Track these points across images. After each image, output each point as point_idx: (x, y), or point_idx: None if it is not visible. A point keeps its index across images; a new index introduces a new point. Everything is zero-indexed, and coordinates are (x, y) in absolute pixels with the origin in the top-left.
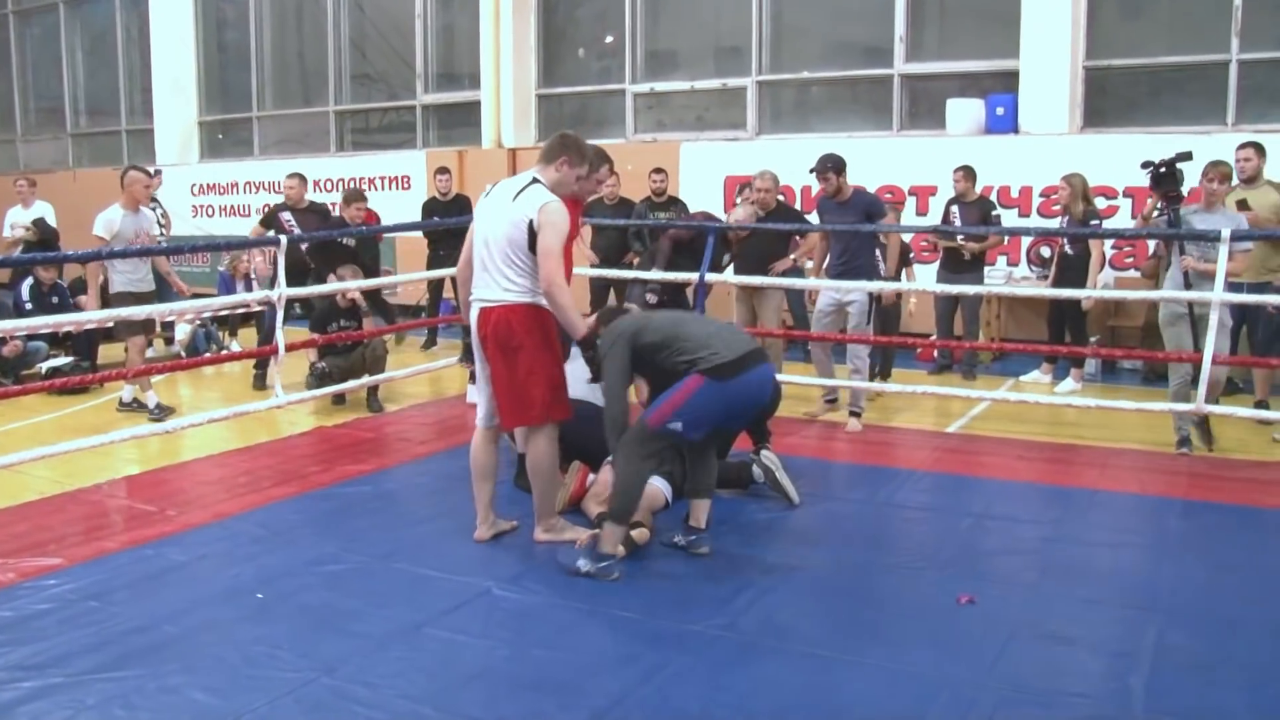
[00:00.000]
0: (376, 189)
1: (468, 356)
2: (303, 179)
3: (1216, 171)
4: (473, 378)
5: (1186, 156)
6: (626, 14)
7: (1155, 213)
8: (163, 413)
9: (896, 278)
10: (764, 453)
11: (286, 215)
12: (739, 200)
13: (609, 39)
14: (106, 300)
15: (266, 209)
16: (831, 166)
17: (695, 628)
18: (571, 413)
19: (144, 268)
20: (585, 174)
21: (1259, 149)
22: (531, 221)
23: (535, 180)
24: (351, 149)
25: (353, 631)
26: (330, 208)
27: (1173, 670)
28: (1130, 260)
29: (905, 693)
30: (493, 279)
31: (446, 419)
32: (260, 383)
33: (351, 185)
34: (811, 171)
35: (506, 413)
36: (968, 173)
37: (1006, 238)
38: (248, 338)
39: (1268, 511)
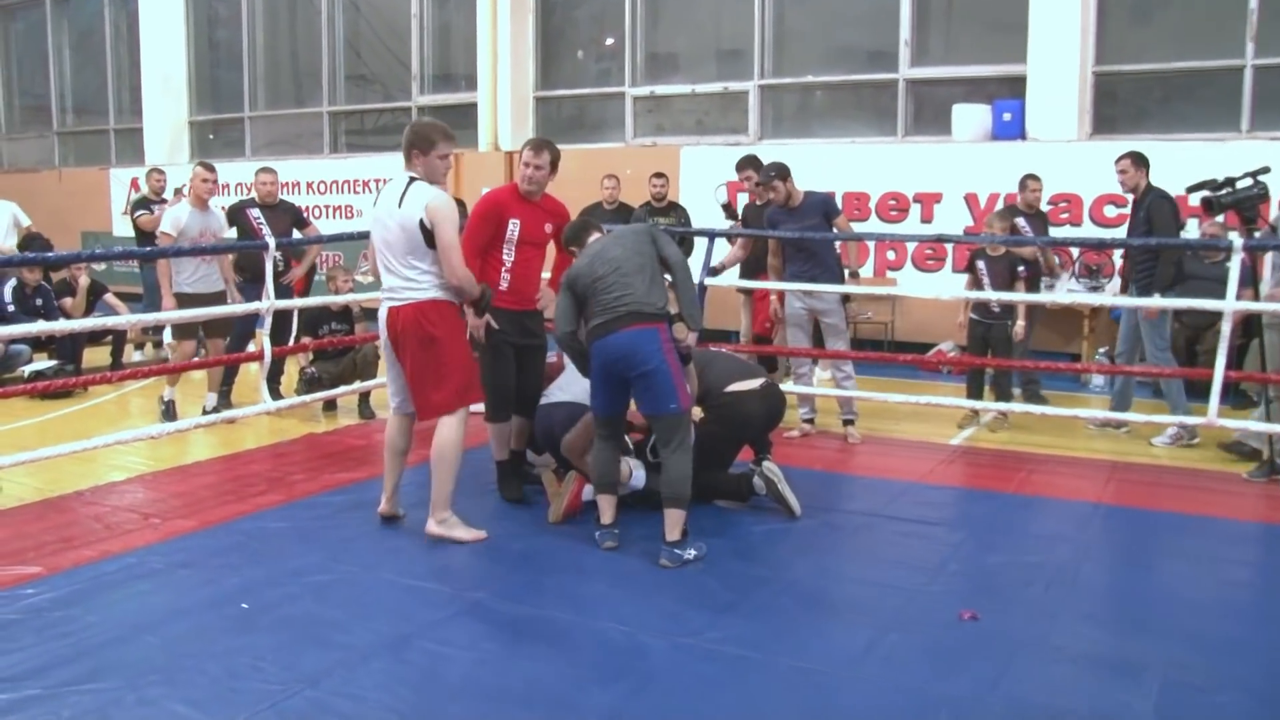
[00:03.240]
0: (371, 191)
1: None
2: (275, 175)
3: None
4: None
5: (1263, 171)
6: (626, 16)
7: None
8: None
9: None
10: (765, 464)
11: (255, 212)
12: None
13: (608, 41)
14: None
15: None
16: (776, 175)
17: (689, 641)
18: (483, 397)
19: (205, 268)
20: (442, 154)
21: (1137, 159)
22: (422, 220)
23: (413, 179)
24: (346, 151)
25: (337, 643)
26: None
27: (1179, 690)
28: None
29: (904, 710)
30: (398, 280)
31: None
32: (276, 394)
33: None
34: (758, 185)
35: (423, 404)
36: (1003, 219)
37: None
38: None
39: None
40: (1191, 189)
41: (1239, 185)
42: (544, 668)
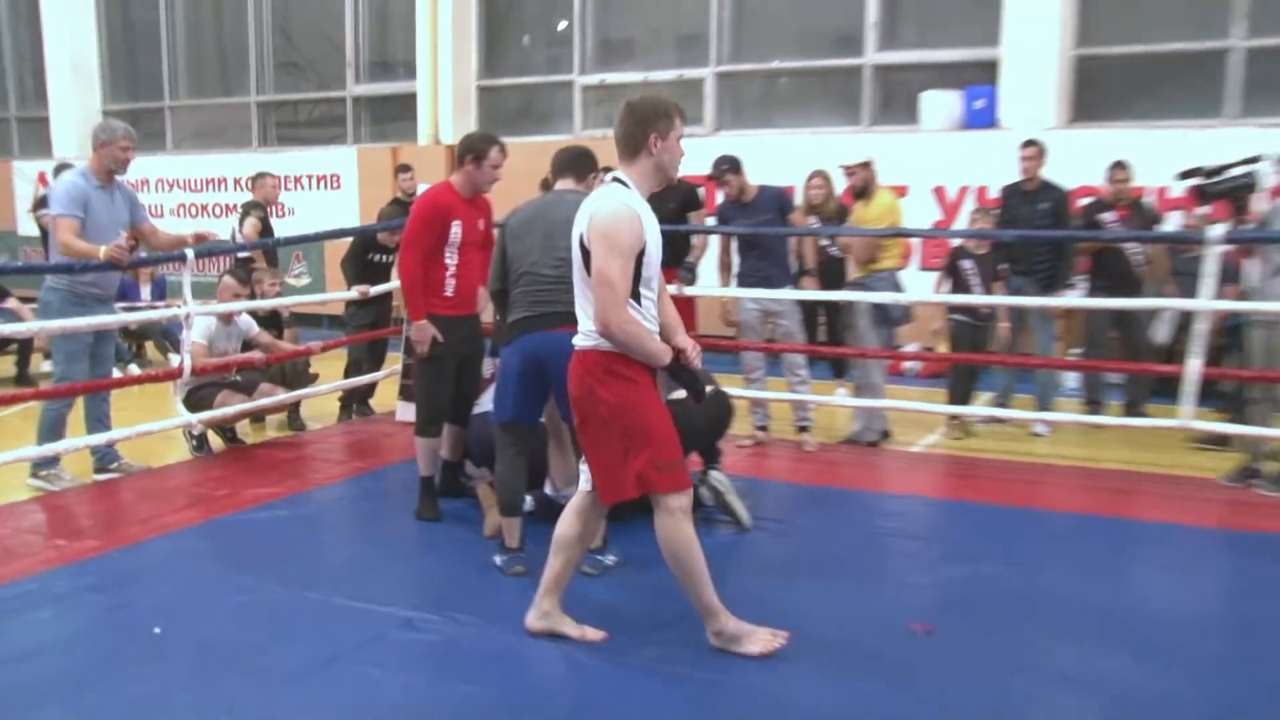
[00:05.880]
0: (303, 188)
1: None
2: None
3: None
4: (402, 393)
5: (1254, 160)
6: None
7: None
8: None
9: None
10: (713, 474)
11: None
12: None
13: (558, 26)
14: None
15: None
16: (729, 168)
17: (627, 659)
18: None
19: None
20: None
21: (1043, 149)
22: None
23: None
24: (276, 144)
25: (257, 668)
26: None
27: (1135, 705)
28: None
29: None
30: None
31: (372, 438)
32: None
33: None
34: (710, 178)
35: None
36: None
37: None
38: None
39: (1244, 534)
40: (1183, 175)
41: (1231, 173)
42: (477, 689)
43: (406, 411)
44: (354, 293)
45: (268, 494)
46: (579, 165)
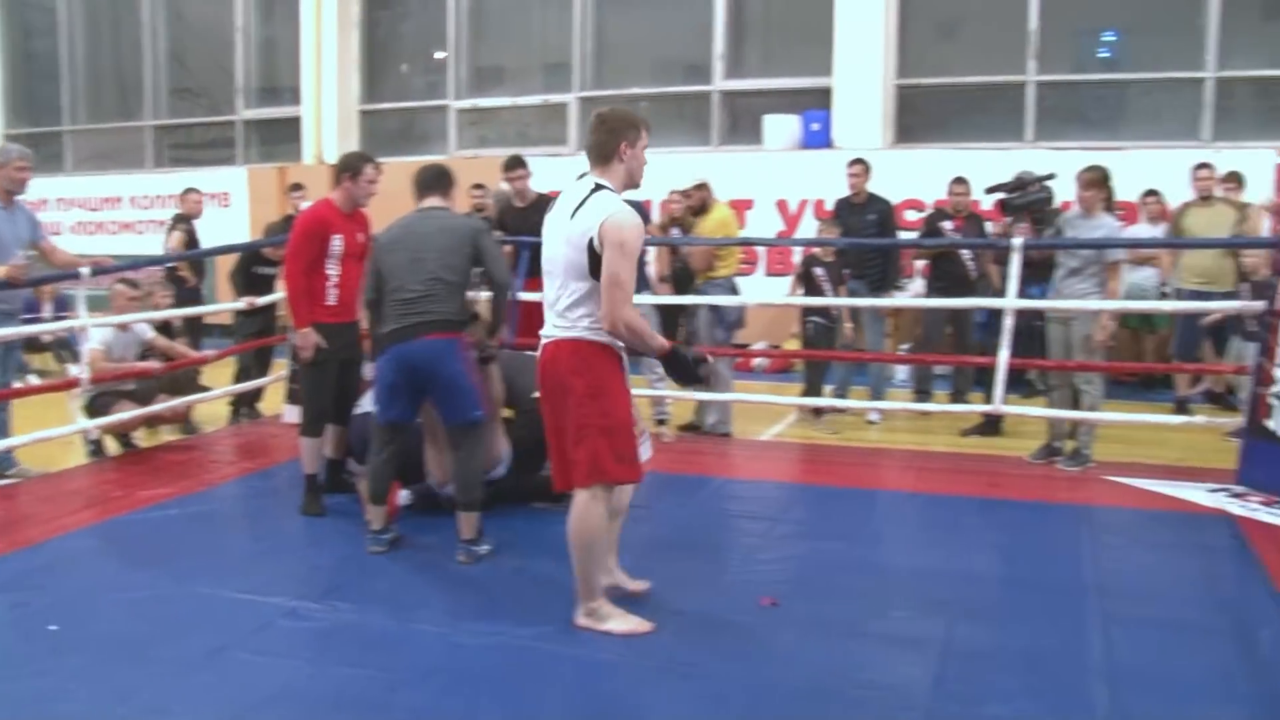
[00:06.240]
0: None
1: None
2: None
3: (1089, 177)
4: (289, 397)
5: (1049, 177)
6: (450, 30)
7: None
8: None
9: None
10: None
11: None
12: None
13: (435, 55)
14: None
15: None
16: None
17: (502, 639)
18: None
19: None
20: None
21: (867, 165)
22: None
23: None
24: (170, 165)
25: (151, 659)
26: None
27: (959, 659)
28: None
29: (701, 694)
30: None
31: (260, 440)
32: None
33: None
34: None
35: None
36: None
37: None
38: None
39: (1049, 505)
40: (989, 191)
41: (1029, 189)
42: (358, 672)
43: (293, 414)
44: (242, 303)
45: (161, 494)
46: (442, 183)
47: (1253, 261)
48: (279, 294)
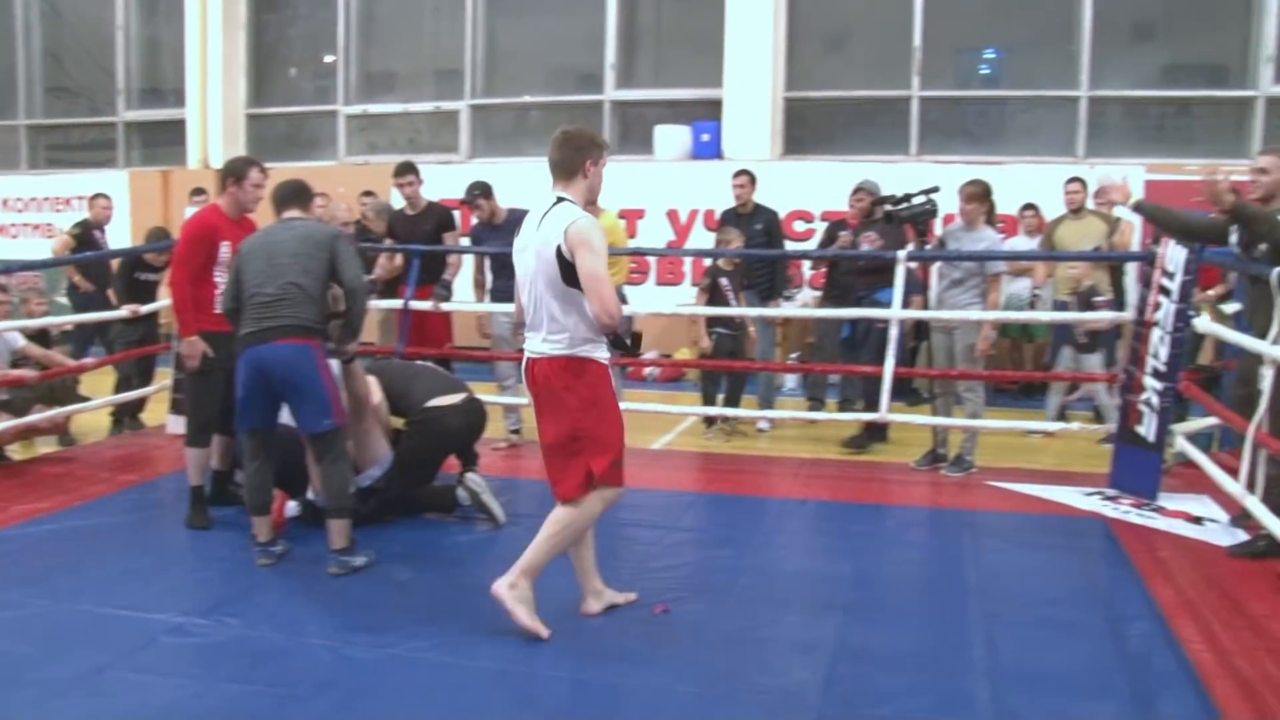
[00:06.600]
0: (74, 210)
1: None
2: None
3: (971, 191)
4: (173, 407)
5: (933, 190)
6: (340, 34)
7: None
8: None
9: None
10: (469, 475)
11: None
12: None
13: (324, 59)
14: None
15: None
16: (480, 193)
17: (395, 651)
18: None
19: None
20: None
21: (753, 176)
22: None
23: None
24: (45, 166)
25: (29, 680)
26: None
27: (848, 661)
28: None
29: (595, 701)
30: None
31: (143, 451)
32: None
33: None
34: (464, 202)
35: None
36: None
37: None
38: None
39: (932, 510)
40: (875, 203)
41: (914, 201)
42: (247, 688)
43: (177, 424)
44: (125, 311)
45: (37, 509)
46: (302, 196)
47: (1075, 273)
48: (164, 301)
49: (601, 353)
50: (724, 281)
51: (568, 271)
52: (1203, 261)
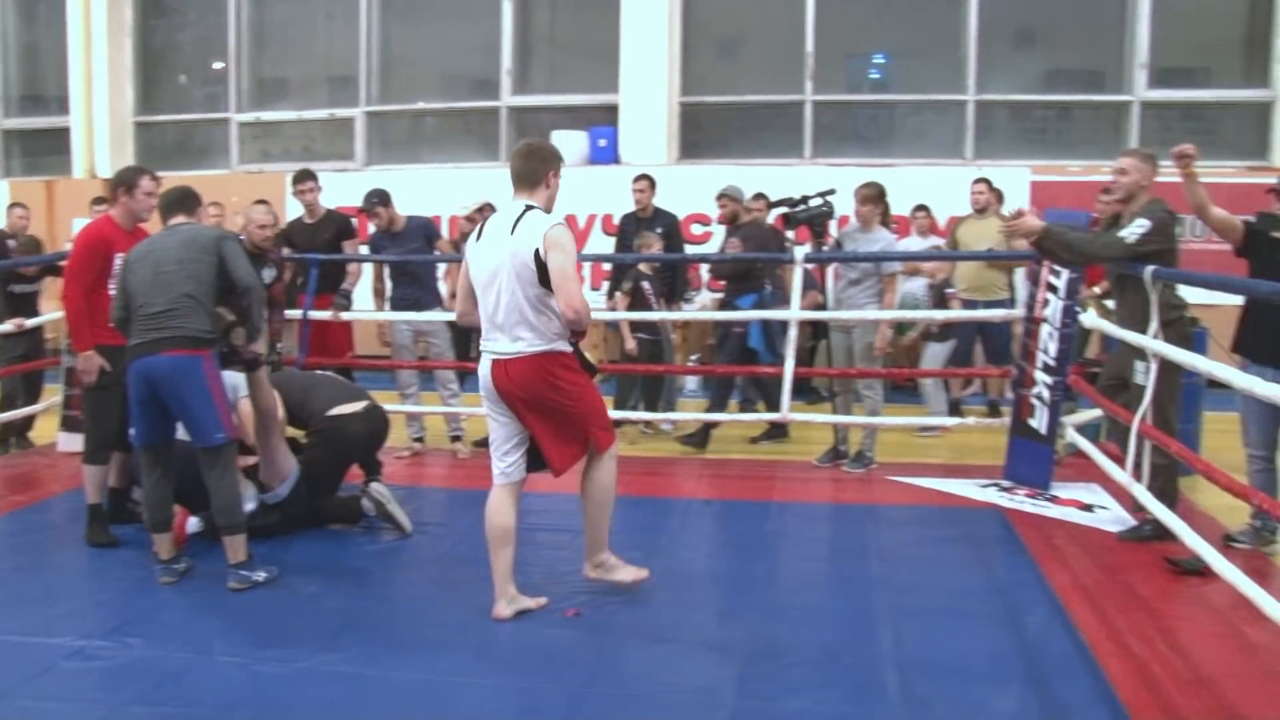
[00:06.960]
0: None
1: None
2: None
3: (866, 193)
4: (65, 424)
5: (829, 193)
6: (231, 40)
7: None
8: None
9: None
10: (373, 485)
11: None
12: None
13: (214, 65)
14: None
15: None
16: (379, 201)
17: (305, 665)
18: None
19: None
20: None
21: (652, 181)
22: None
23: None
24: None
25: None
26: None
27: (761, 658)
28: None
29: (515, 707)
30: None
31: (33, 470)
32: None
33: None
34: (362, 210)
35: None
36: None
37: None
38: None
39: (843, 506)
40: (772, 205)
41: (811, 203)
42: (156, 709)
43: (70, 442)
44: (9, 325)
45: None
46: (188, 202)
47: (930, 268)
48: (54, 314)
49: (567, 345)
50: (645, 285)
51: (544, 273)
52: None
